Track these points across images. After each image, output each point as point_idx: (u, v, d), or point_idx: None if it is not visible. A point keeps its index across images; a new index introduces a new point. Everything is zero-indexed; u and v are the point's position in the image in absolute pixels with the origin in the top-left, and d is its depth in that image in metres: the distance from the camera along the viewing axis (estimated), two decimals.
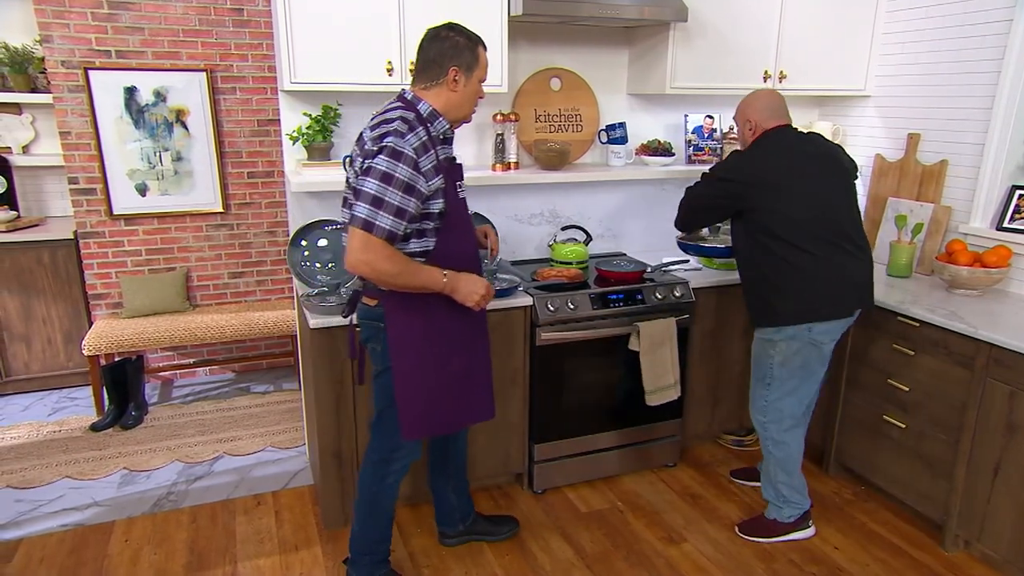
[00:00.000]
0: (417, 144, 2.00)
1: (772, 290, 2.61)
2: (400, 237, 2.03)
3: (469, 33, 2.11)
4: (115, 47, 3.81)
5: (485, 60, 2.15)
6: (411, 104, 2.09)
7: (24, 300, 3.97)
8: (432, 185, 2.04)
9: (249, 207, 4.29)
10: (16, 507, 3.03)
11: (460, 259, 2.19)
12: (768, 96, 2.67)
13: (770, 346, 2.67)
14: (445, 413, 2.30)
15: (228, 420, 3.85)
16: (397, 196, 1.95)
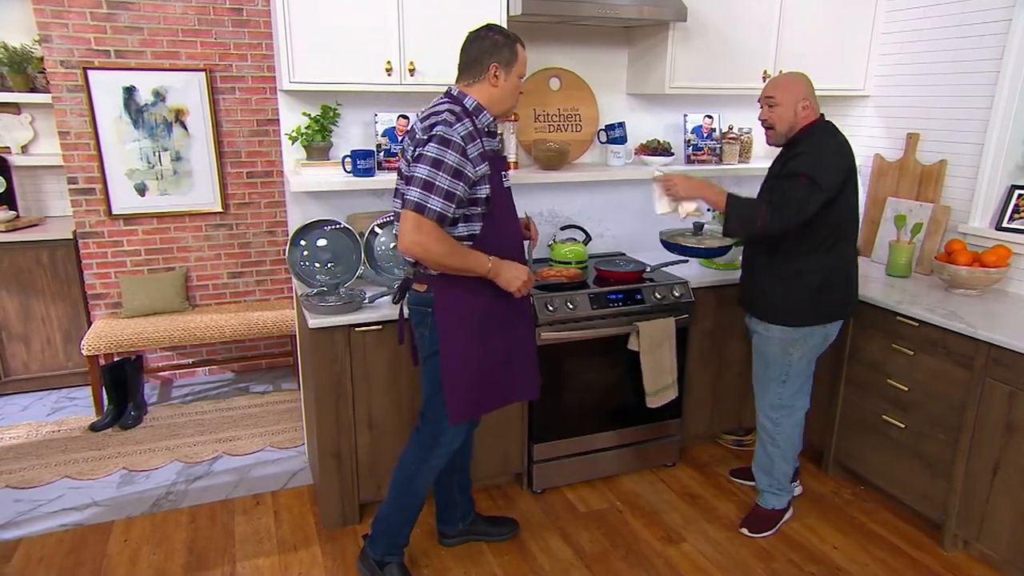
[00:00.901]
0: (464, 133, 2.10)
1: (822, 288, 2.58)
2: (449, 221, 2.12)
3: (507, 32, 2.19)
4: (114, 47, 3.81)
5: (524, 56, 2.23)
6: (457, 99, 2.19)
7: (23, 300, 3.97)
8: (479, 171, 2.13)
9: (248, 207, 4.29)
10: (15, 507, 3.03)
11: (504, 244, 2.28)
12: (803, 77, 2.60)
13: (791, 344, 2.65)
14: (489, 395, 2.38)
15: (227, 420, 3.85)
16: (447, 180, 2.05)
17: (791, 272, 2.59)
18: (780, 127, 2.55)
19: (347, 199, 3.11)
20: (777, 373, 2.72)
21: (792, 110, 2.51)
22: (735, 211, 2.53)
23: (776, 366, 2.72)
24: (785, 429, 2.80)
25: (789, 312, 2.63)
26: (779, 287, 2.63)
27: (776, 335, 2.67)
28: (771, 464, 2.86)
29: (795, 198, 2.41)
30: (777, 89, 2.53)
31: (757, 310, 2.73)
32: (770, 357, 2.73)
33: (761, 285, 2.69)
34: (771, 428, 2.81)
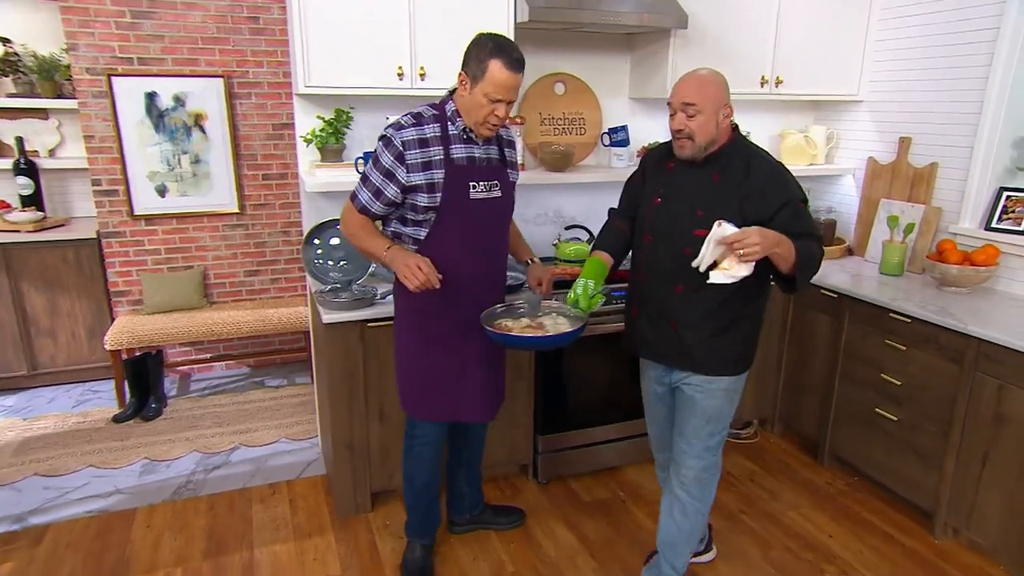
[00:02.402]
0: (412, 138, 2.08)
1: (757, 328, 2.23)
2: (376, 214, 2.19)
3: (495, 45, 1.99)
4: (137, 54, 3.83)
5: (496, 78, 1.99)
6: (443, 102, 2.15)
7: (50, 297, 4.00)
8: (412, 179, 2.09)
9: (264, 208, 4.31)
10: (44, 494, 3.06)
11: (452, 255, 2.17)
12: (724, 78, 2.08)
13: (735, 393, 2.23)
14: (439, 403, 2.36)
15: (244, 413, 3.87)
16: (378, 178, 2.11)
17: (738, 316, 2.13)
18: (700, 139, 2.01)
19: None
20: (719, 428, 2.24)
21: (715, 119, 2.00)
22: (807, 262, 1.98)
23: (718, 420, 2.22)
24: (712, 491, 2.33)
25: (738, 360, 2.18)
26: (729, 335, 2.14)
27: (721, 387, 2.18)
28: (693, 532, 2.34)
29: (818, 225, 2.17)
30: (700, 95, 1.98)
31: (698, 364, 2.16)
32: (713, 411, 2.20)
33: (701, 336, 2.13)
34: (699, 493, 2.28)
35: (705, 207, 2.03)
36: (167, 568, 2.58)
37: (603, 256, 2.28)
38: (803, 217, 2.04)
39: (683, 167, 2.11)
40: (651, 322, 2.21)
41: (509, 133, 2.33)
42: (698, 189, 2.07)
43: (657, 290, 2.16)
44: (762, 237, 1.86)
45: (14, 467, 3.26)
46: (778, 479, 3.25)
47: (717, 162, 2.06)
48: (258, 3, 3.97)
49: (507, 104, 2.07)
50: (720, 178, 2.05)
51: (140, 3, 3.76)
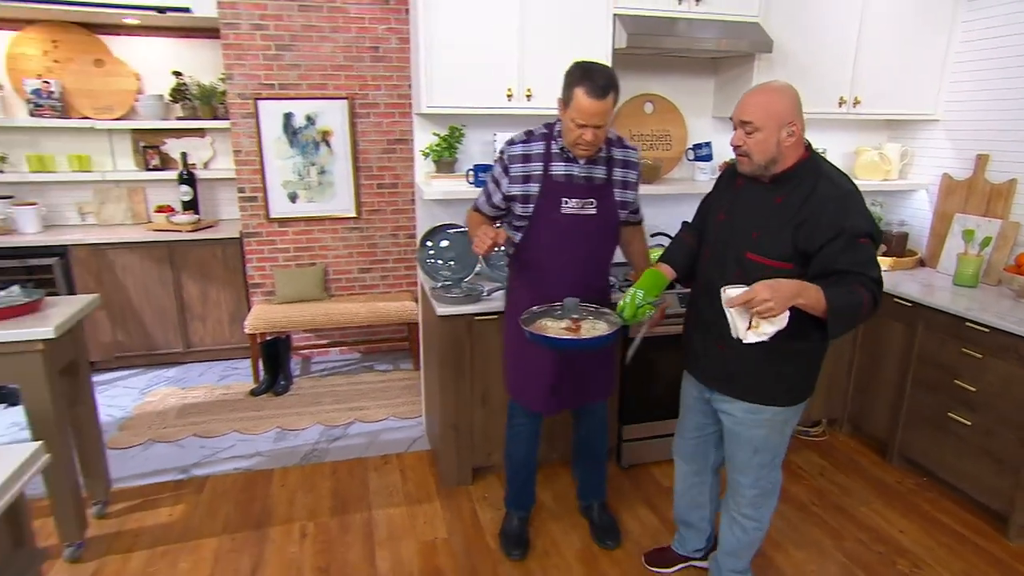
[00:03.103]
0: (517, 153, 2.16)
1: (814, 362, 1.95)
2: (486, 214, 2.31)
3: (581, 73, 1.95)
4: (279, 81, 4.04)
5: (580, 104, 1.94)
6: (556, 121, 2.16)
7: (202, 287, 4.27)
8: (512, 189, 2.17)
9: (377, 213, 4.46)
10: (201, 451, 3.28)
11: (533, 261, 2.25)
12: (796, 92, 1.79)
13: (786, 423, 1.98)
14: (529, 389, 2.37)
15: (357, 392, 4.01)
16: (490, 184, 2.26)
17: (791, 347, 1.82)
18: (757, 157, 1.77)
19: (467, 206, 3.19)
20: (769, 457, 2.01)
21: (775, 138, 1.73)
22: (841, 311, 1.65)
23: (766, 451, 1.99)
24: (770, 511, 2.12)
25: (788, 391, 1.92)
26: (781, 365, 1.87)
27: (766, 417, 1.94)
28: (751, 545, 2.18)
29: (876, 266, 1.71)
30: (758, 112, 1.73)
31: (742, 390, 1.93)
32: (759, 442, 1.97)
33: (748, 360, 1.88)
34: (756, 514, 2.10)
35: (760, 229, 1.81)
36: (302, 521, 2.72)
37: (663, 268, 2.10)
38: (855, 252, 1.67)
39: (751, 185, 1.88)
40: (701, 338, 2.02)
41: (627, 154, 2.22)
42: (758, 209, 1.83)
43: (709, 307, 1.92)
44: (772, 292, 1.59)
45: (177, 427, 3.51)
46: (848, 476, 3.14)
47: (785, 183, 1.79)
48: (379, 35, 4.12)
49: (594, 129, 1.99)
50: (783, 200, 1.78)
51: (283, 38, 3.97)
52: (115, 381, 4.11)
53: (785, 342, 1.74)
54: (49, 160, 4.27)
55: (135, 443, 3.33)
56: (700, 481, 2.30)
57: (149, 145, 4.38)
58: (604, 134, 2.08)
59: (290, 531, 2.66)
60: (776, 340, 1.68)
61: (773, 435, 1.97)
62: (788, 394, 1.92)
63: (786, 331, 1.67)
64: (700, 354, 2.04)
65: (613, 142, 2.20)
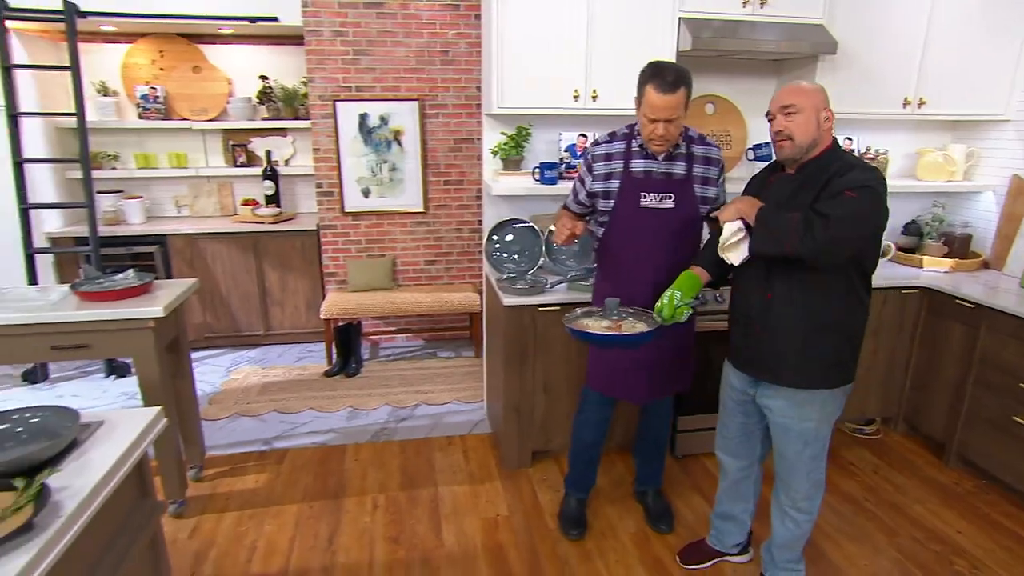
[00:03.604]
0: (600, 153, 2.21)
1: (854, 342, 1.92)
2: (574, 211, 2.38)
3: (652, 71, 2.00)
4: (355, 83, 4.15)
5: (650, 100, 1.99)
6: (636, 122, 2.18)
7: (282, 275, 4.44)
8: (595, 186, 2.22)
9: (443, 208, 4.53)
10: (281, 426, 3.42)
11: (615, 255, 2.29)
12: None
13: (834, 408, 1.95)
14: (600, 378, 2.40)
15: (422, 377, 4.10)
16: (577, 183, 2.33)
17: (829, 325, 1.85)
18: (800, 138, 1.79)
19: (532, 202, 3.24)
20: (819, 448, 1.97)
21: (815, 119, 1.79)
22: (764, 221, 1.79)
23: (816, 442, 1.95)
24: (818, 503, 2.08)
25: (831, 372, 1.89)
26: (821, 345, 1.86)
27: (817, 403, 1.90)
28: (803, 538, 2.14)
29: (842, 211, 1.69)
30: (798, 96, 1.80)
31: (788, 379, 1.89)
32: (809, 434, 1.93)
33: (791, 343, 1.87)
34: (809, 507, 2.06)
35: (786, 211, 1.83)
36: (373, 494, 2.82)
37: (697, 271, 2.08)
38: (831, 202, 1.71)
39: (781, 180, 1.91)
40: (741, 328, 2.01)
41: (708, 151, 2.21)
42: (788, 200, 1.85)
43: (749, 296, 1.95)
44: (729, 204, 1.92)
45: (260, 403, 3.67)
46: (903, 474, 3.03)
47: (810, 170, 1.83)
48: (448, 40, 4.18)
49: (665, 123, 2.01)
50: (808, 186, 1.82)
51: (361, 44, 4.08)
52: (204, 359, 4.32)
53: (820, 314, 1.83)
54: (153, 158, 4.53)
55: (223, 416, 3.50)
56: (746, 476, 2.26)
57: (237, 143, 4.58)
58: (677, 129, 2.08)
59: (363, 502, 2.75)
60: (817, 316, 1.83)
61: (822, 427, 1.93)
62: (831, 376, 1.89)
63: (829, 305, 1.82)
64: (741, 345, 2.02)
65: (694, 139, 2.21)
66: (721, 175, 2.26)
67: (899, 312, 3.15)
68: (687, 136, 2.19)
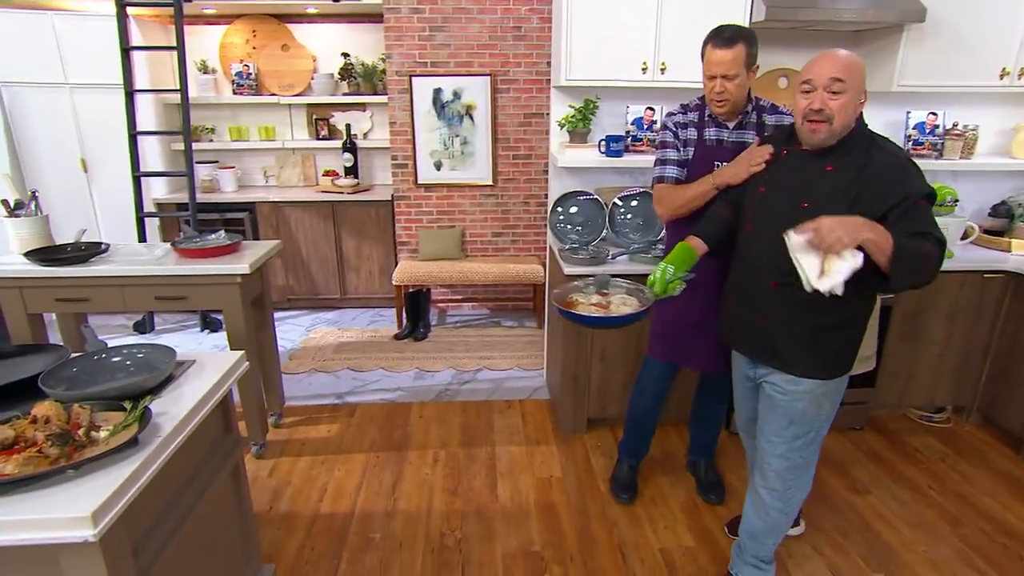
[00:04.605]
0: (680, 121, 2.20)
1: (857, 332, 1.81)
2: (674, 177, 2.19)
3: (710, 34, 2.01)
4: (431, 59, 4.22)
5: (707, 56, 2.00)
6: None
7: (358, 242, 4.62)
8: (682, 153, 2.19)
9: (511, 182, 4.56)
10: (353, 382, 3.61)
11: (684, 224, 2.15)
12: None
13: (824, 397, 1.82)
14: (677, 348, 2.35)
15: (485, 343, 4.19)
16: (661, 152, 2.23)
17: (834, 317, 1.73)
18: (839, 121, 1.61)
19: (597, 175, 3.22)
20: (804, 430, 1.85)
21: (856, 102, 1.62)
22: (906, 254, 1.52)
23: (802, 423, 1.84)
24: (798, 493, 1.95)
25: (832, 364, 1.79)
26: (823, 337, 1.75)
27: (806, 389, 1.80)
28: (770, 531, 1.99)
29: (938, 228, 1.58)
30: (849, 72, 1.58)
31: (784, 363, 1.81)
32: (796, 414, 1.83)
33: (793, 334, 1.77)
34: (782, 490, 1.92)
35: (812, 199, 1.65)
36: (435, 449, 2.94)
37: (694, 242, 1.95)
38: (921, 215, 1.56)
39: (794, 156, 1.74)
40: (743, 313, 1.89)
41: (780, 119, 2.13)
42: (807, 180, 1.68)
43: (751, 282, 1.83)
44: (837, 222, 1.50)
45: (334, 361, 3.88)
46: (972, 464, 2.87)
47: (834, 151, 1.65)
48: (521, 15, 4.17)
49: (723, 79, 1.98)
50: (834, 168, 1.64)
51: (436, 20, 4.14)
52: (286, 319, 4.58)
53: (830, 311, 1.69)
54: (244, 131, 4.79)
55: (301, 371, 3.72)
56: None
57: (320, 117, 4.77)
58: (738, 89, 2.02)
59: (424, 456, 2.88)
60: (822, 307, 1.65)
61: (811, 408, 1.81)
62: (831, 367, 1.79)
63: (829, 306, 1.63)
64: (742, 331, 1.92)
65: (765, 108, 2.15)
66: None
67: (979, 297, 2.95)
68: (758, 105, 2.15)
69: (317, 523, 2.43)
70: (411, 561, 2.24)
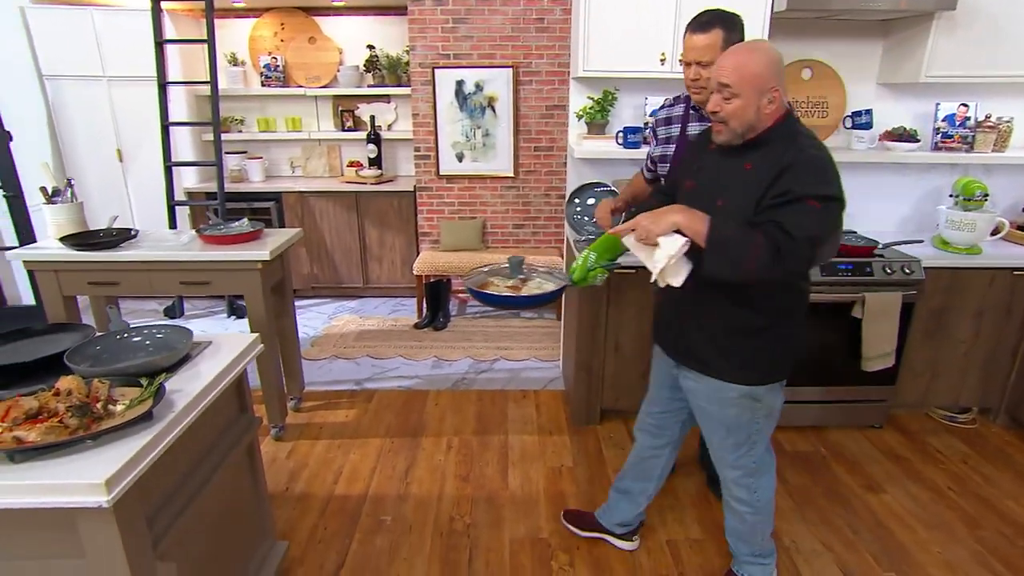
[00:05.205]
0: (663, 116, 2.21)
1: (785, 340, 1.72)
2: (647, 178, 2.32)
3: (692, 18, 1.91)
4: (453, 51, 4.25)
5: (686, 43, 1.90)
6: None
7: (380, 232, 4.69)
8: (655, 151, 2.21)
9: (532, 174, 4.57)
10: (372, 369, 3.68)
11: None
12: (778, 54, 1.56)
13: (756, 400, 1.74)
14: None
15: (504, 334, 4.22)
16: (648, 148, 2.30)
17: (757, 322, 1.67)
18: (735, 124, 1.56)
19: (615, 167, 3.22)
20: (743, 438, 1.80)
21: (755, 106, 1.53)
22: (719, 243, 1.52)
23: (738, 431, 1.79)
24: (765, 493, 1.91)
25: (754, 369, 1.71)
26: (745, 341, 1.69)
27: (733, 396, 1.73)
28: (752, 532, 1.97)
29: (803, 228, 1.46)
30: (737, 75, 1.52)
31: (702, 364, 1.75)
32: (729, 421, 1.78)
33: (709, 335, 1.72)
34: (747, 497, 1.90)
35: (727, 196, 1.59)
36: (448, 436, 2.99)
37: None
38: (797, 212, 1.46)
39: (720, 152, 1.67)
40: (668, 311, 1.87)
41: None
42: (726, 176, 1.63)
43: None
44: (648, 216, 1.57)
45: (355, 348, 3.96)
46: (996, 467, 2.80)
47: (755, 148, 1.58)
48: (544, 6, 4.16)
49: (698, 66, 1.86)
50: (753, 166, 1.57)
51: (459, 12, 4.16)
52: (310, 307, 4.68)
53: (744, 317, 1.65)
54: (272, 122, 4.89)
55: (322, 357, 3.81)
56: (657, 455, 2.10)
57: (345, 109, 4.84)
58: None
59: (439, 443, 2.92)
60: (742, 310, 1.65)
61: (743, 414, 1.75)
62: (753, 372, 1.71)
63: (757, 300, 1.63)
64: (666, 327, 1.89)
65: None
66: None
67: (1008, 295, 2.87)
68: None
69: (331, 504, 2.50)
70: (420, 544, 2.29)
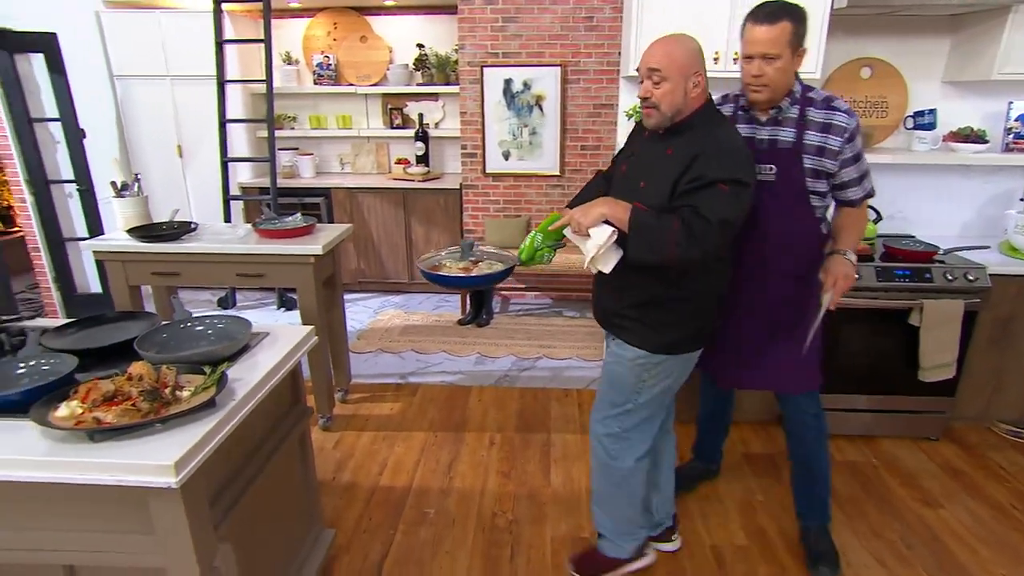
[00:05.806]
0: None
1: (684, 313, 1.79)
2: None
3: (752, 9, 1.79)
4: (502, 50, 4.27)
5: (745, 35, 1.80)
6: None
7: (426, 229, 4.76)
8: None
9: (578, 173, 4.55)
10: (416, 364, 3.74)
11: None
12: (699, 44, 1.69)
13: (646, 371, 1.84)
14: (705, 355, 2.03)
15: (547, 332, 4.23)
16: None
17: (658, 295, 1.76)
18: (665, 108, 1.65)
19: None
20: (620, 399, 1.89)
21: (682, 89, 1.64)
22: (641, 228, 1.62)
23: (619, 390, 1.89)
24: (623, 463, 1.96)
25: (654, 337, 1.80)
26: (648, 313, 1.79)
27: (628, 356, 1.84)
28: (611, 503, 2.02)
29: (716, 212, 1.57)
30: (666, 60, 1.62)
31: (614, 327, 1.89)
32: (614, 377, 1.89)
33: (619, 307, 1.84)
34: (605, 458, 1.98)
35: (649, 179, 1.71)
36: (491, 432, 3.02)
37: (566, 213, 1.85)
38: (710, 196, 1.58)
39: (651, 137, 1.77)
40: (596, 286, 1.98)
41: (830, 116, 1.83)
42: (650, 160, 1.74)
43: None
44: (579, 209, 1.71)
45: (400, 342, 4.03)
46: None
47: (677, 134, 1.69)
48: (594, 5, 4.15)
49: (761, 60, 1.76)
50: (674, 151, 1.68)
51: (509, 11, 4.18)
52: (357, 301, 4.79)
53: (651, 287, 1.76)
54: (323, 119, 5.02)
55: (368, 350, 3.89)
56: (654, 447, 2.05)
57: (394, 107, 4.93)
58: (780, 75, 1.78)
59: (481, 438, 2.96)
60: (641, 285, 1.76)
61: (629, 376, 1.86)
62: (651, 338, 1.81)
63: (656, 277, 1.72)
64: (596, 300, 2.00)
65: (815, 102, 1.85)
66: (847, 145, 1.85)
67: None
68: (805, 97, 1.85)
69: (376, 495, 2.56)
70: (463, 538, 2.32)
